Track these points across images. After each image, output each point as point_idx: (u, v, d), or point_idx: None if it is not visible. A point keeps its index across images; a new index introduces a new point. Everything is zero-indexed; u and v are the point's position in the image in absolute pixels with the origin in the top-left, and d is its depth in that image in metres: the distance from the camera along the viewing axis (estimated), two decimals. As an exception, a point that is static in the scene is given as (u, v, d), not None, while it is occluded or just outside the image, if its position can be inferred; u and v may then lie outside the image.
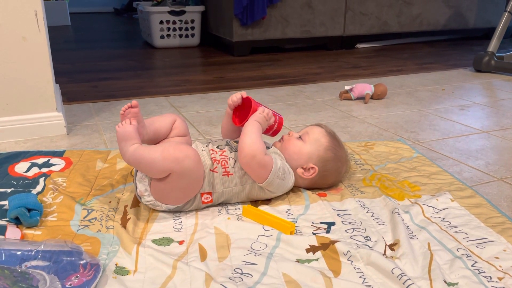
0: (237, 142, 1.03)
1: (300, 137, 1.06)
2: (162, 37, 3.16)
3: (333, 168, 1.06)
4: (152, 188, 0.94)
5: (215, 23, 3.18)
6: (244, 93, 1.07)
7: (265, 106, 1.07)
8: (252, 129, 0.97)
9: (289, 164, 1.03)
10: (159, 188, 0.93)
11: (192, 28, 3.24)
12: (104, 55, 2.97)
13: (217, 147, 1.01)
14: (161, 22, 3.12)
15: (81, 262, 0.75)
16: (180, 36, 3.22)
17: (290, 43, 3.09)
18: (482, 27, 3.57)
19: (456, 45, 3.42)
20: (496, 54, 2.46)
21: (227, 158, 0.98)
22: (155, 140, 1.03)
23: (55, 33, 3.92)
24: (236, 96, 1.06)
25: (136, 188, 0.96)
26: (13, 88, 1.38)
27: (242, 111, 1.08)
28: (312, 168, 1.03)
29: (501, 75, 2.41)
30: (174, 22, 3.16)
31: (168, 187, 0.92)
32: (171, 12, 3.12)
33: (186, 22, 3.20)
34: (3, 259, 0.75)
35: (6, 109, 1.39)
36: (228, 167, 0.97)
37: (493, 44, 2.44)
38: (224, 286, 0.73)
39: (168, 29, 3.16)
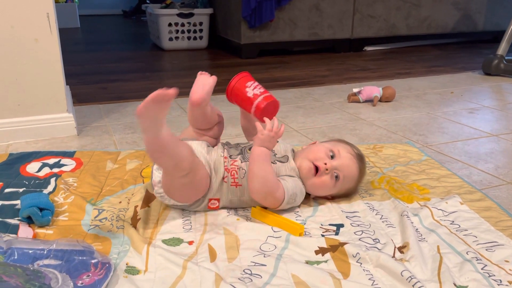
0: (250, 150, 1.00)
1: (335, 176, 0.99)
2: (170, 39, 3.18)
3: (345, 189, 1.05)
4: (163, 179, 0.93)
5: (224, 26, 3.19)
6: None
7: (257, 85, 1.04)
8: (259, 162, 0.92)
9: (307, 185, 1.00)
10: (168, 181, 0.93)
11: (201, 30, 3.25)
12: (113, 57, 2.99)
13: (230, 156, 0.99)
14: (170, 24, 3.13)
15: (93, 261, 0.76)
16: (189, 38, 3.24)
17: (298, 46, 3.09)
18: (491, 30, 3.55)
19: (465, 48, 3.40)
20: (506, 57, 2.45)
21: (237, 168, 0.97)
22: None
23: (64, 35, 3.92)
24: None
25: (152, 177, 0.96)
26: (25, 89, 1.40)
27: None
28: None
29: (511, 79, 2.39)
30: (182, 25, 3.17)
31: (175, 183, 0.92)
32: (180, 15, 3.14)
33: (194, 25, 3.21)
34: (16, 257, 0.76)
35: (18, 110, 1.41)
36: (237, 178, 0.97)
37: (503, 47, 2.43)
38: (234, 287, 0.74)
39: (177, 31, 3.18)
